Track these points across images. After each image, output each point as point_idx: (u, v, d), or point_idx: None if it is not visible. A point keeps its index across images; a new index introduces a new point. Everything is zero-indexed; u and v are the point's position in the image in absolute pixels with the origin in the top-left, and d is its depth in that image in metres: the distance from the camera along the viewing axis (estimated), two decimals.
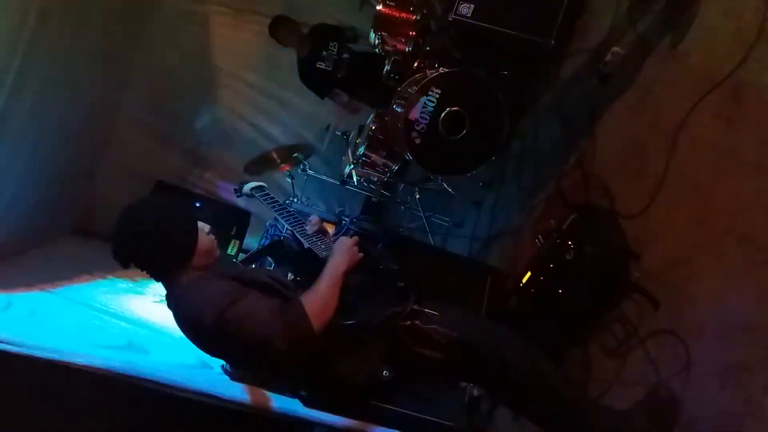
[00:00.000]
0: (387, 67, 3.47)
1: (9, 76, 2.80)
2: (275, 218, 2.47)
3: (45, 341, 2.47)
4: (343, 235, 2.22)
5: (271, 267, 3.08)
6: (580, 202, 2.70)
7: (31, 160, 3.35)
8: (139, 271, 1.87)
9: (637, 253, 2.23)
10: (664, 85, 2.48)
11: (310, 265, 1.92)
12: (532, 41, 3.17)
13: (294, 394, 2.51)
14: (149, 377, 2.44)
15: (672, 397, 1.86)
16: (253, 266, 2.67)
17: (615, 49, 2.66)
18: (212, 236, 1.94)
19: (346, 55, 3.74)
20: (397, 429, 2.64)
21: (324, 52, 3.76)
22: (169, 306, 1.86)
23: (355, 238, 2.03)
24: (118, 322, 3.15)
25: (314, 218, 2.23)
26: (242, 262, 2.50)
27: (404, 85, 3.35)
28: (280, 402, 2.55)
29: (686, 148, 2.21)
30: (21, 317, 2.74)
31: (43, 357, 2.38)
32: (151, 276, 1.89)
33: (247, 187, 2.35)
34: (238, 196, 2.52)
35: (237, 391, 2.58)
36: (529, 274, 2.50)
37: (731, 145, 2.01)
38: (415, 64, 3.49)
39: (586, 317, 2.35)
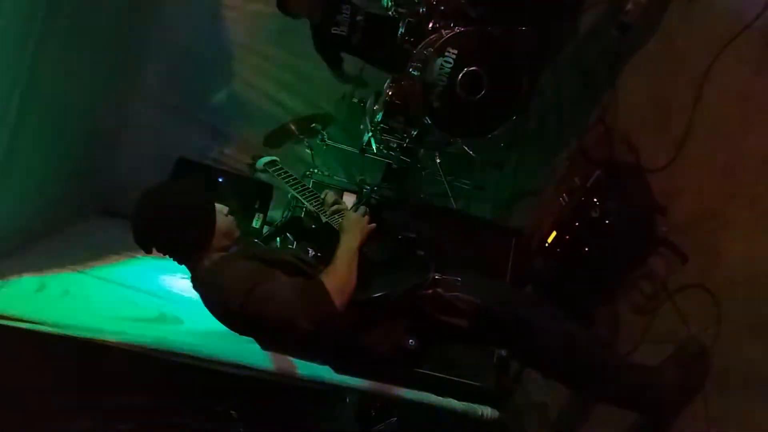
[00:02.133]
0: (401, 30, 3.40)
1: (25, 65, 2.82)
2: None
3: (79, 320, 2.53)
4: (363, 204, 2.20)
5: (293, 244, 3.09)
6: (604, 157, 2.65)
7: (53, 144, 3.39)
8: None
9: (663, 207, 2.19)
10: (687, 33, 2.40)
11: (330, 240, 1.92)
12: None
13: (324, 362, 2.55)
14: (181, 351, 2.50)
15: (702, 350, 1.84)
16: (276, 243, 2.67)
17: None
18: (231, 217, 1.94)
19: (360, 18, 3.67)
20: (427, 391, 2.67)
21: (338, 16, 3.69)
22: (195, 289, 1.88)
23: (362, 209, 2.03)
24: (149, 296, 3.20)
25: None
26: (264, 239, 2.50)
27: (420, 47, 3.29)
28: (311, 370, 2.60)
29: (713, 97, 2.15)
30: (54, 297, 2.80)
31: (78, 336, 2.45)
32: (174, 259, 1.92)
33: (260, 163, 2.34)
34: (252, 173, 2.49)
35: (269, 360, 2.63)
36: (554, 233, 2.48)
37: (761, 91, 1.94)
38: (430, 25, 3.41)
39: (613, 275, 2.32)
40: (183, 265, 1.92)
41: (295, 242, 2.66)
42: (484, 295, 1.86)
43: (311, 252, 1.98)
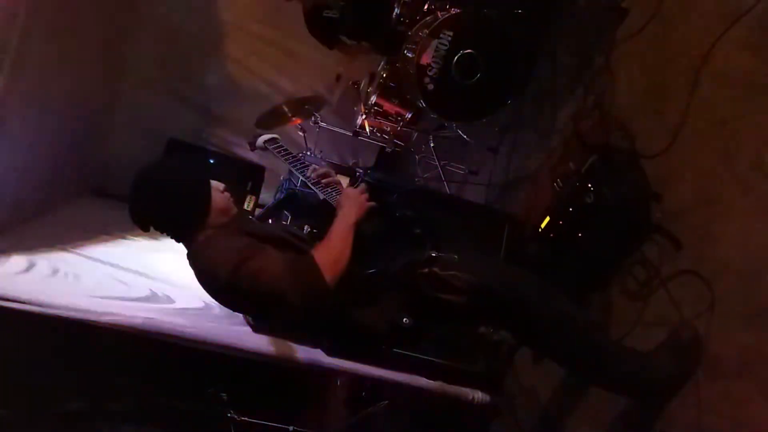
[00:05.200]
0: (396, 11, 3.36)
1: (12, 44, 2.77)
2: (289, 171, 2.45)
3: (68, 300, 2.50)
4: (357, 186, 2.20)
5: (287, 221, 3.08)
6: (600, 143, 2.63)
7: (42, 125, 3.34)
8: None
9: (658, 193, 2.19)
10: (685, 18, 2.38)
11: (327, 217, 1.91)
12: None
13: (316, 344, 2.55)
14: (171, 332, 2.48)
15: (695, 336, 1.85)
16: (270, 221, 2.66)
17: None
18: (227, 194, 1.94)
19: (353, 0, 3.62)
20: (418, 375, 2.68)
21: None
22: (190, 264, 1.88)
23: (362, 186, 2.02)
24: (139, 276, 3.17)
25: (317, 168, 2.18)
26: (259, 218, 2.50)
27: (415, 28, 3.25)
28: (302, 352, 2.59)
29: (710, 83, 2.14)
30: (44, 277, 2.77)
31: (67, 316, 2.43)
32: (171, 237, 1.92)
33: (260, 140, 2.34)
34: (252, 150, 2.50)
35: (260, 343, 2.62)
36: (547, 219, 2.47)
37: (758, 77, 1.94)
38: (426, 6, 3.38)
39: (606, 260, 2.32)
40: (180, 242, 1.92)
41: (290, 218, 2.65)
42: (482, 273, 1.85)
43: (307, 229, 1.97)
